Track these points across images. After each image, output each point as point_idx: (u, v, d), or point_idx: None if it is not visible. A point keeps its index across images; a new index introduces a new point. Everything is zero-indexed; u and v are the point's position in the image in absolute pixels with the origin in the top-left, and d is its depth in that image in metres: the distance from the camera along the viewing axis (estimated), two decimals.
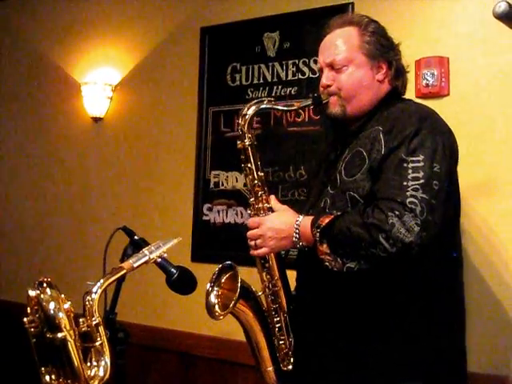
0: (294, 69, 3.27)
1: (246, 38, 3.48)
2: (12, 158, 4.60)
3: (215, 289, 2.20)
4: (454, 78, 2.78)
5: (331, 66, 2.13)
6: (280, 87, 3.30)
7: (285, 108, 2.26)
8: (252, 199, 2.16)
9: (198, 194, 3.58)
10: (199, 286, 2.02)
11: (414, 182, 1.83)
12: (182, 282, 1.95)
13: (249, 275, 2.20)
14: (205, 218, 3.53)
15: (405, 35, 2.90)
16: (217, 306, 2.18)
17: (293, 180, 3.22)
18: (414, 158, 1.87)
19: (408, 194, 1.82)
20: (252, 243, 2.12)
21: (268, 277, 2.17)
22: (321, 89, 2.16)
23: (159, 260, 1.84)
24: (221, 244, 3.46)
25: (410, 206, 1.80)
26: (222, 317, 2.14)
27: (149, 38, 3.88)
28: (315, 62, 3.18)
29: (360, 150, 2.00)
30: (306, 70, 3.23)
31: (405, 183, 1.84)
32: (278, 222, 2.07)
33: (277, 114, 3.30)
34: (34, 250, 4.35)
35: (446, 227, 1.89)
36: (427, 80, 2.79)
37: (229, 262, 2.20)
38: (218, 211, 3.48)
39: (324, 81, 2.14)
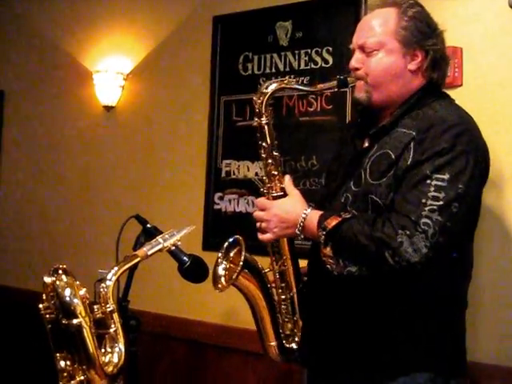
0: (307, 58, 3.26)
1: (258, 27, 3.46)
2: (24, 146, 4.62)
3: (224, 262, 2.20)
4: (467, 68, 2.76)
5: (362, 49, 2.01)
6: (292, 77, 3.28)
7: (307, 88, 2.18)
8: (265, 177, 2.11)
9: (209, 182, 3.58)
10: (210, 275, 2.03)
11: (432, 202, 1.77)
12: (194, 271, 1.96)
13: (262, 264, 2.20)
14: (216, 206, 3.54)
15: None
16: (223, 278, 2.18)
17: (304, 170, 3.21)
18: (438, 176, 1.79)
19: (423, 213, 1.76)
20: (258, 225, 2.08)
21: (277, 255, 2.14)
22: (349, 70, 2.07)
23: (173, 248, 1.85)
24: (232, 233, 3.44)
25: (423, 227, 1.74)
26: (224, 288, 2.14)
27: (161, 26, 3.88)
28: (328, 51, 3.18)
29: (389, 152, 1.90)
30: (318, 59, 3.22)
31: (423, 200, 1.77)
32: (285, 210, 2.01)
33: (289, 104, 3.28)
34: (46, 238, 4.37)
35: (459, 243, 1.88)
36: None
37: (236, 237, 2.21)
38: (230, 200, 3.48)
39: (353, 63, 2.04)
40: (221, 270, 2.19)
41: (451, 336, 1.97)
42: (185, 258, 1.93)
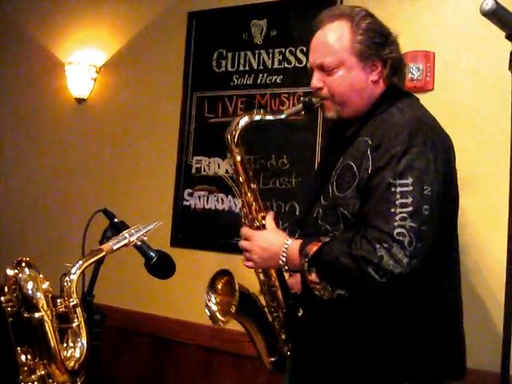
0: (280, 57, 3.27)
1: (233, 24, 3.46)
2: None
3: (212, 296, 2.21)
4: (439, 72, 2.79)
5: (321, 68, 2.01)
6: (265, 75, 3.29)
7: (276, 117, 2.12)
8: (245, 210, 2.11)
9: (179, 178, 3.57)
10: (177, 271, 2.02)
11: (402, 210, 1.75)
12: (161, 266, 1.96)
13: (223, 262, 2.21)
14: (185, 203, 3.53)
15: (391, 29, 2.91)
16: (218, 314, 2.20)
17: (274, 168, 3.22)
18: (402, 182, 1.77)
19: (396, 224, 1.74)
20: (244, 254, 2.09)
21: (265, 278, 2.16)
22: (312, 90, 2.08)
23: (139, 243, 1.85)
24: (200, 230, 3.46)
25: (397, 237, 1.73)
26: (224, 323, 2.17)
27: (135, 20, 3.86)
28: (302, 51, 3.19)
29: (351, 164, 1.91)
30: (292, 58, 3.23)
31: (392, 210, 1.75)
32: (268, 242, 2.01)
33: (261, 102, 3.30)
34: (11, 230, 4.32)
35: (440, 241, 1.85)
36: (412, 74, 2.80)
37: (224, 269, 2.20)
38: (199, 197, 3.47)
39: (315, 83, 2.03)
40: (213, 306, 2.21)
41: (443, 345, 1.95)
42: (152, 253, 1.92)
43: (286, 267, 1.98)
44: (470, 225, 2.67)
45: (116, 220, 2.09)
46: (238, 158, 2.07)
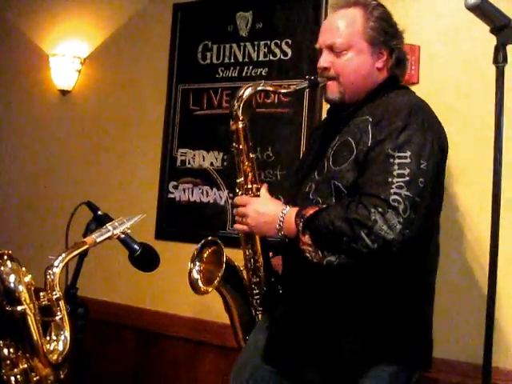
0: (266, 50, 3.26)
1: (218, 16, 3.44)
2: None
3: (197, 263, 2.23)
4: (424, 66, 2.80)
5: (331, 49, 2.08)
6: (251, 68, 3.28)
7: (281, 90, 2.18)
8: (241, 179, 2.16)
9: (164, 171, 3.56)
10: (162, 264, 2.02)
11: (399, 179, 1.82)
12: (145, 259, 1.95)
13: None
14: (170, 195, 3.52)
15: None
16: (199, 281, 2.21)
17: (259, 161, 3.21)
18: (400, 154, 1.85)
19: (392, 191, 1.80)
20: (237, 219, 2.13)
21: (250, 252, 2.20)
22: (318, 70, 2.12)
23: (122, 236, 1.84)
24: (185, 222, 3.45)
25: (393, 203, 1.79)
26: (206, 293, 2.20)
27: (120, 11, 3.83)
28: (287, 44, 3.18)
29: (349, 139, 1.98)
30: (277, 51, 3.22)
31: (390, 179, 1.82)
32: (265, 207, 2.06)
33: None
34: None
35: (429, 222, 1.92)
36: None
37: (213, 238, 2.26)
38: (184, 189, 3.46)
39: (322, 63, 2.09)
40: (196, 274, 2.23)
41: (418, 327, 2.03)
42: (136, 246, 1.91)
43: (281, 233, 2.00)
44: (456, 215, 2.69)
45: (100, 213, 2.08)
46: (241, 125, 2.14)
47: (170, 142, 3.54)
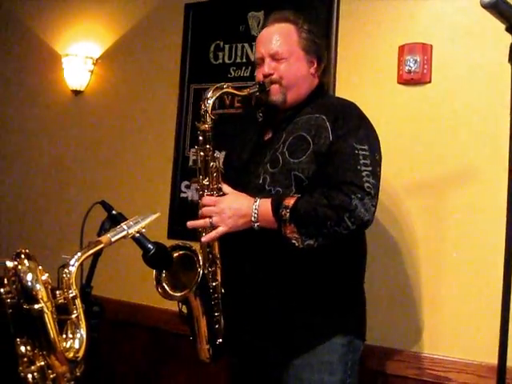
0: None
1: (230, 16, 3.46)
2: None
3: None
4: (436, 65, 2.80)
5: (273, 57, 2.30)
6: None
7: (239, 93, 2.34)
8: (206, 180, 2.26)
9: (176, 170, 3.57)
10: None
11: (365, 168, 2.09)
12: (159, 259, 1.95)
13: None
14: (182, 195, 3.53)
15: (389, 20, 2.93)
16: (165, 284, 2.24)
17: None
18: (361, 147, 2.12)
19: (364, 179, 2.07)
20: (206, 221, 2.22)
21: (210, 256, 2.27)
22: (260, 77, 2.32)
23: (137, 235, 1.84)
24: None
25: (367, 190, 2.06)
26: (178, 299, 2.26)
27: (132, 12, 3.85)
28: None
29: (303, 134, 2.20)
30: None
31: (358, 167, 2.09)
32: (236, 202, 2.19)
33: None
34: (10, 223, 4.32)
35: None
36: (410, 66, 2.81)
37: (183, 243, 2.28)
38: (196, 189, 3.47)
39: (266, 70, 2.30)
40: (164, 282, 2.27)
41: (359, 306, 2.33)
42: (149, 245, 1.91)
43: (256, 224, 2.15)
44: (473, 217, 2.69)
45: (114, 212, 2.09)
46: (209, 126, 2.24)
47: (182, 141, 3.56)
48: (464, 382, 2.62)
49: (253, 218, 2.14)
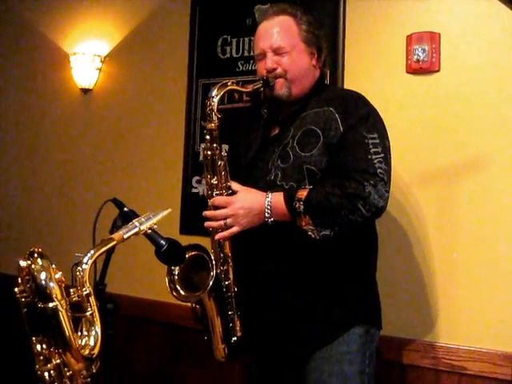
0: None
1: (237, 10, 3.45)
2: None
3: (176, 271, 2.25)
4: (445, 53, 2.78)
5: (275, 51, 2.28)
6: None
7: (243, 89, 2.31)
8: (214, 179, 2.23)
9: (187, 166, 3.57)
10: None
11: (376, 156, 2.09)
12: (171, 254, 1.95)
13: None
14: (194, 190, 3.54)
15: (397, 10, 2.91)
16: (178, 286, 2.24)
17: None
18: (371, 135, 2.13)
19: (376, 165, 2.08)
20: (220, 223, 2.19)
21: (222, 255, 2.26)
22: (263, 72, 2.30)
23: (149, 231, 1.84)
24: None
25: (380, 176, 2.07)
26: (191, 300, 2.28)
27: (139, 8, 3.85)
28: None
29: (313, 128, 2.21)
30: None
31: (369, 156, 2.09)
32: (248, 201, 2.18)
33: None
34: (23, 222, 4.34)
35: None
36: (418, 56, 2.79)
37: (197, 244, 2.26)
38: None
39: (270, 65, 2.28)
40: (176, 283, 2.27)
41: (374, 296, 2.35)
42: (162, 241, 1.91)
43: (270, 220, 2.15)
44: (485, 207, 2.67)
45: (126, 209, 2.09)
46: (215, 124, 2.23)
47: (192, 136, 3.55)
48: (480, 371, 2.62)
49: (266, 214, 2.14)
